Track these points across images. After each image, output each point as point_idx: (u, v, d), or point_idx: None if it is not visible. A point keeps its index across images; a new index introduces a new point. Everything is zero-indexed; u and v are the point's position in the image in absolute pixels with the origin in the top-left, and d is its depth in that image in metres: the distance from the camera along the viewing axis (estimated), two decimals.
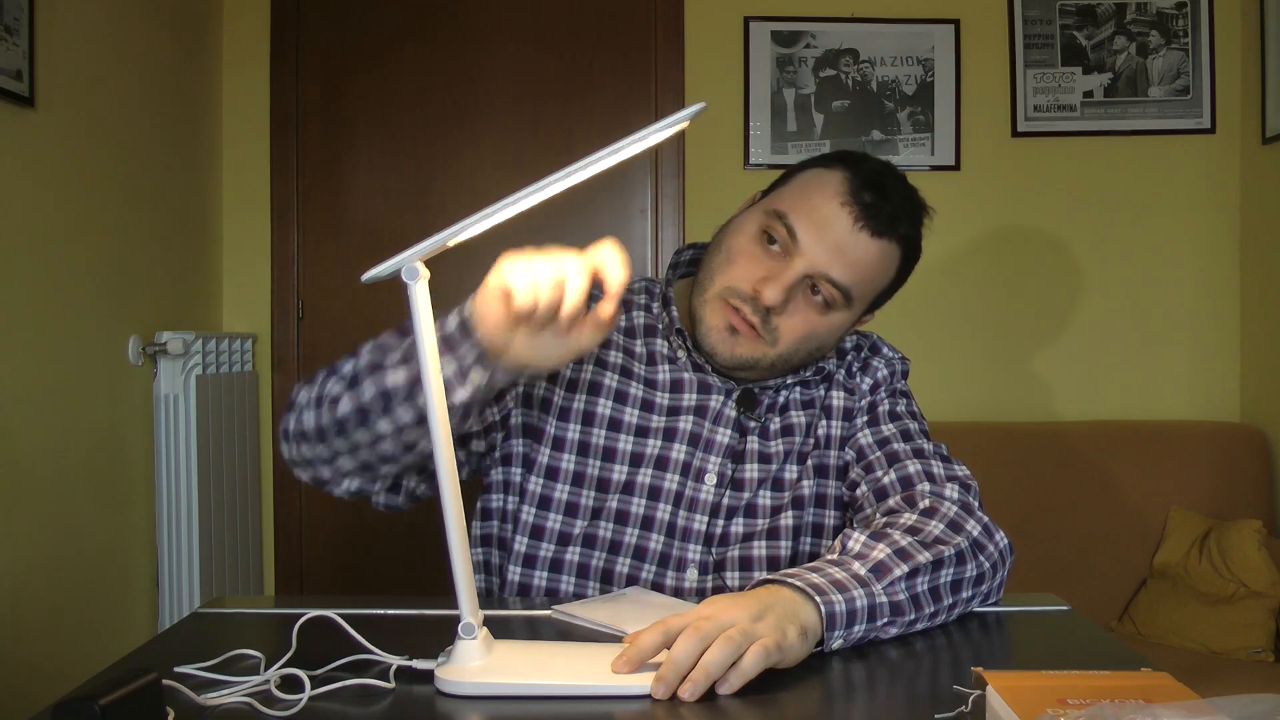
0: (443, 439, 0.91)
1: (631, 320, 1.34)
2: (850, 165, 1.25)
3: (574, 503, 1.27)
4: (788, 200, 1.24)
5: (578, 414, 1.28)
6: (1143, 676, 0.83)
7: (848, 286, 1.22)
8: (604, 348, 1.30)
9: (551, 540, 1.26)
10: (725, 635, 0.90)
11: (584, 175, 0.88)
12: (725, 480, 1.28)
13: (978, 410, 3.01)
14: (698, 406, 1.29)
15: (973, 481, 1.24)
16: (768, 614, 0.94)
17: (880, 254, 1.23)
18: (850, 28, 3.04)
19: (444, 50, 3.07)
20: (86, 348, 2.33)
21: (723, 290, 1.23)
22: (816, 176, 1.25)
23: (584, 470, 1.27)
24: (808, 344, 1.25)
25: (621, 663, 0.91)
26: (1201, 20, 3.00)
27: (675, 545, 1.26)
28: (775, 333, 1.23)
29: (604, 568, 1.26)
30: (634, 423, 1.28)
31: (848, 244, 1.21)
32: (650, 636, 0.91)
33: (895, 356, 1.38)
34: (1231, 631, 2.44)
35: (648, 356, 1.31)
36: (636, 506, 1.26)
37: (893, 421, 1.31)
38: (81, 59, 2.29)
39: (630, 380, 1.30)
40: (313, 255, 3.09)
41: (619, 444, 1.27)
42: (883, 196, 1.22)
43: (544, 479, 1.27)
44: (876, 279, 1.25)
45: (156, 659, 0.95)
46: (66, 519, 2.23)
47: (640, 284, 1.38)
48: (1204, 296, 3.04)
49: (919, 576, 1.07)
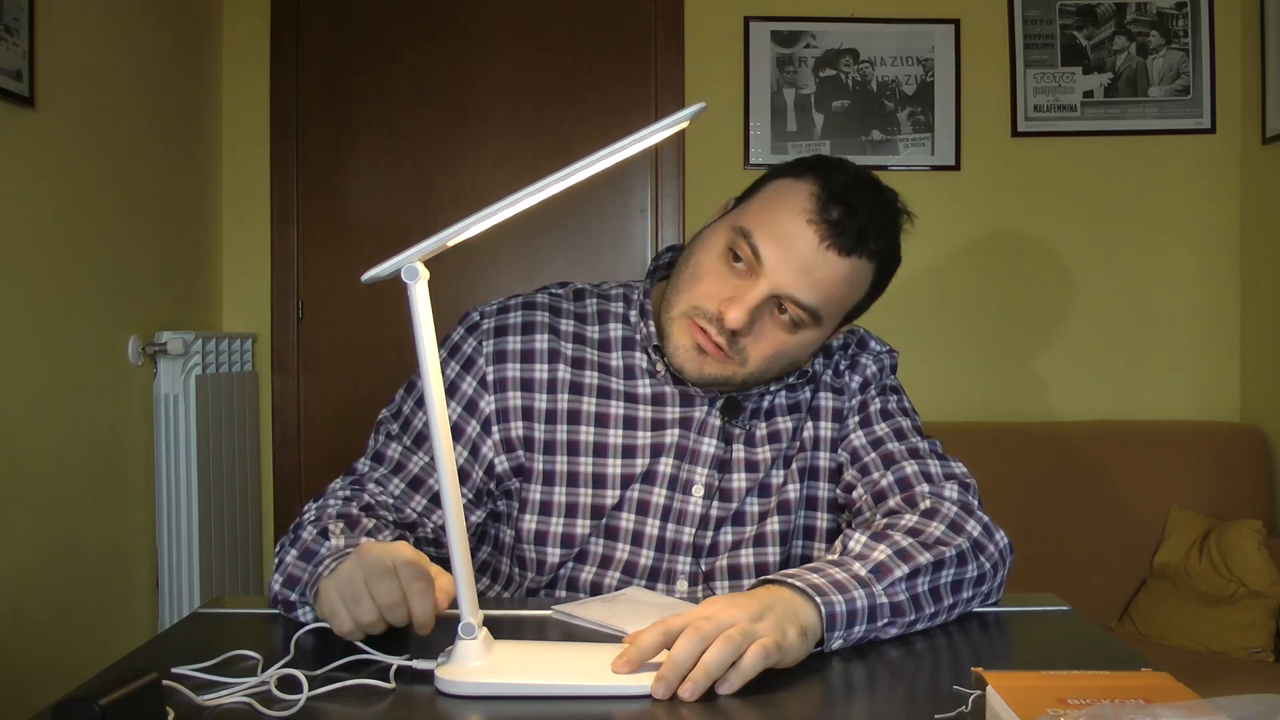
0: (443, 439, 0.91)
1: (607, 332, 1.30)
2: (820, 176, 1.19)
3: (570, 534, 1.25)
4: (752, 216, 1.19)
5: (561, 445, 1.25)
6: (1143, 676, 0.83)
7: (814, 307, 1.18)
8: (578, 368, 1.27)
9: (551, 573, 1.26)
10: (725, 635, 0.90)
11: (584, 175, 0.88)
12: (712, 491, 1.26)
13: (977, 410, 3.01)
14: (682, 418, 1.27)
15: (971, 479, 1.23)
16: (767, 614, 0.94)
17: (849, 272, 1.18)
18: (850, 28, 3.04)
19: (444, 50, 3.07)
20: (86, 348, 2.33)
21: (689, 309, 1.20)
22: (784, 189, 1.20)
23: (576, 500, 1.25)
24: (778, 362, 1.22)
25: (621, 663, 0.91)
26: (1201, 20, 3.00)
27: (665, 559, 1.25)
28: (744, 353, 1.20)
29: (593, 580, 1.25)
30: (619, 444, 1.25)
31: (813, 263, 1.16)
32: (650, 636, 0.91)
33: (883, 351, 1.35)
34: (1231, 631, 2.44)
35: (625, 370, 1.28)
36: (625, 522, 1.25)
37: (885, 420, 1.29)
38: (81, 59, 2.29)
39: (609, 400, 1.27)
40: (313, 255, 3.09)
41: (608, 469, 1.25)
42: (850, 213, 1.16)
43: (537, 515, 1.25)
44: (847, 296, 1.21)
45: (156, 659, 0.95)
46: (66, 519, 2.23)
47: (618, 291, 1.34)
48: (1204, 296, 3.04)
49: (920, 577, 1.07)
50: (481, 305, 1.31)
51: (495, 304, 1.30)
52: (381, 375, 3.04)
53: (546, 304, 1.30)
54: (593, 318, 1.31)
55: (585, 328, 1.30)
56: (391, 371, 2.99)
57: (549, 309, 1.29)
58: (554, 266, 3.07)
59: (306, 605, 1.08)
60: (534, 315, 1.28)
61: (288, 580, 1.10)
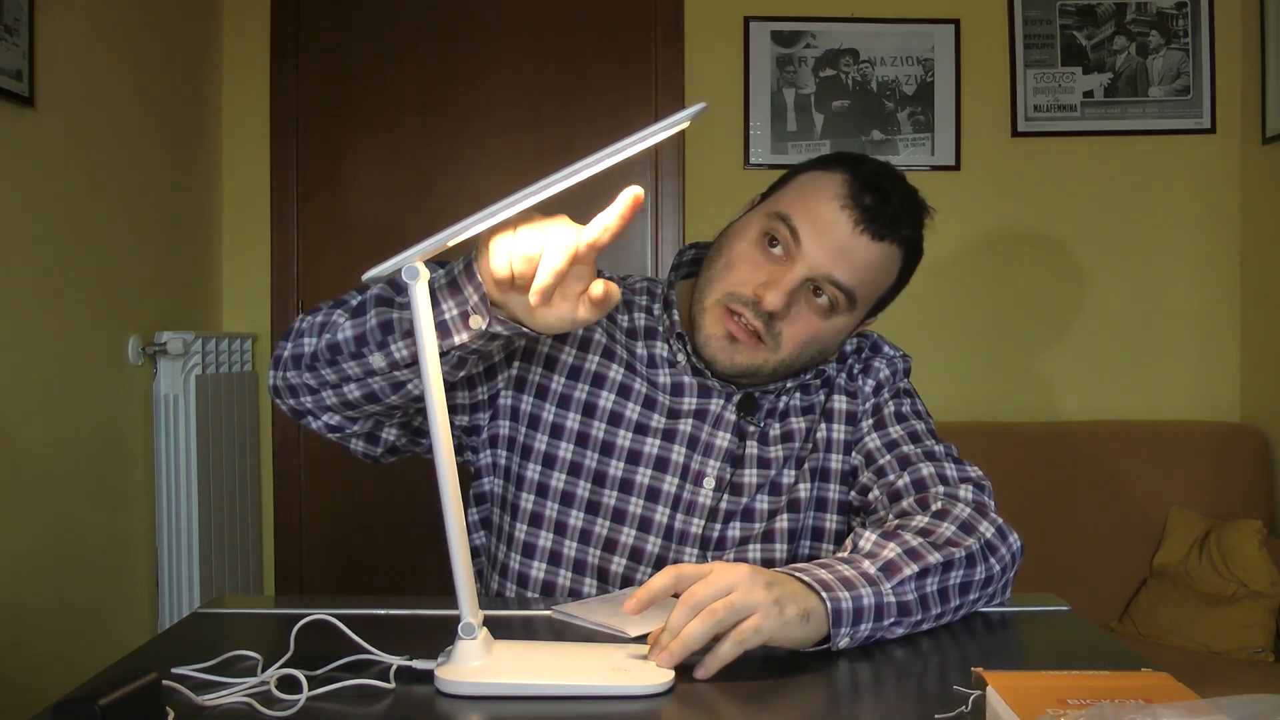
0: (443, 440, 0.91)
1: (633, 322, 1.33)
2: (849, 167, 1.24)
3: (570, 492, 1.26)
4: (788, 202, 1.23)
5: (579, 404, 1.27)
6: (1143, 676, 0.83)
7: (851, 288, 1.21)
8: (610, 340, 1.30)
9: (550, 529, 1.26)
10: (709, 610, 0.92)
11: (584, 175, 0.88)
12: (724, 484, 1.27)
13: (977, 410, 3.01)
14: (698, 410, 1.28)
15: (986, 481, 1.24)
16: (775, 586, 0.96)
17: (882, 257, 1.22)
18: (850, 28, 3.04)
19: (444, 50, 3.07)
20: (86, 348, 2.33)
21: (723, 297, 1.22)
22: (815, 179, 1.24)
23: (581, 461, 1.26)
24: (810, 348, 1.25)
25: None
26: (1201, 20, 3.00)
27: (672, 548, 1.26)
28: (778, 338, 1.22)
29: (599, 565, 1.26)
30: (634, 419, 1.27)
31: (849, 246, 1.20)
32: (662, 580, 0.96)
33: (897, 355, 1.37)
34: (1231, 631, 2.44)
35: (648, 359, 1.31)
36: (634, 506, 1.26)
37: (899, 423, 1.30)
38: (81, 59, 2.29)
39: (635, 376, 1.29)
40: (313, 255, 3.09)
41: (617, 439, 1.27)
42: (883, 199, 1.21)
43: (541, 465, 1.26)
44: (879, 281, 1.25)
45: (156, 659, 0.95)
46: (66, 519, 2.23)
47: (642, 284, 1.37)
48: (1204, 296, 3.04)
49: (929, 577, 1.07)
50: None
51: None
52: None
53: None
54: (621, 306, 1.33)
55: (617, 315, 1.33)
56: None
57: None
58: None
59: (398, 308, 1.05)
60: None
61: (379, 299, 1.07)
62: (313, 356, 1.12)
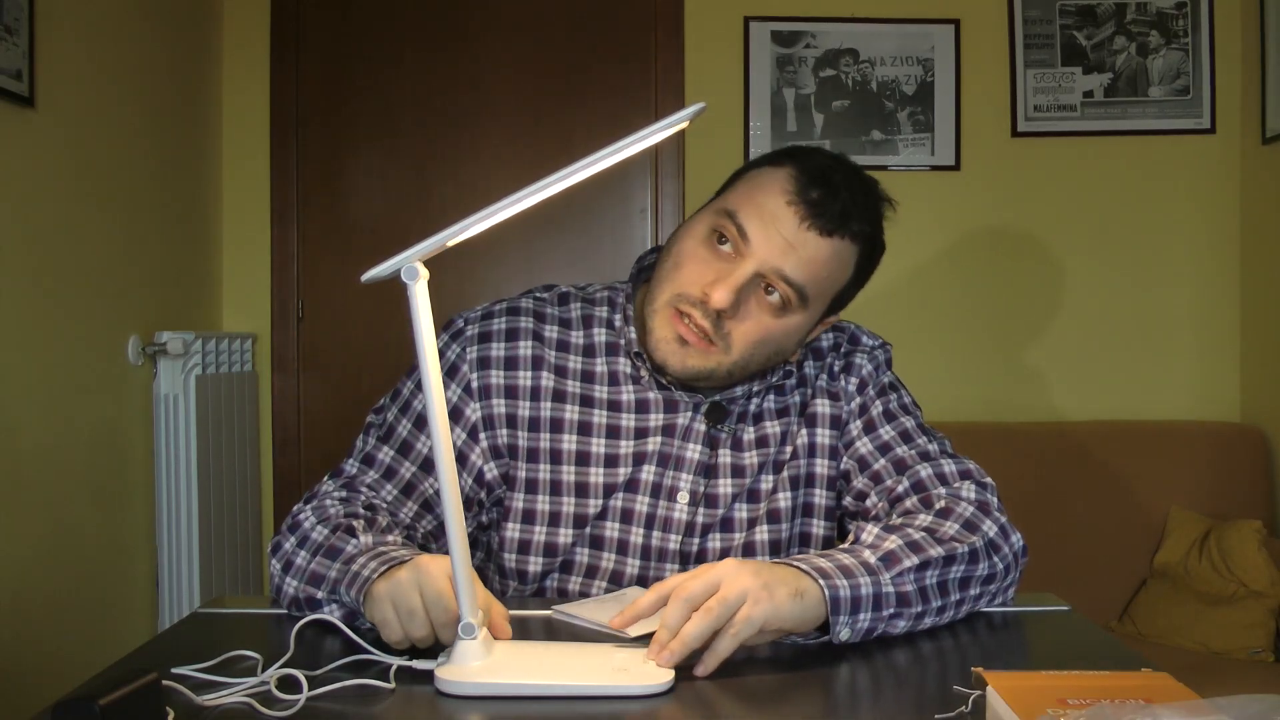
0: (442, 440, 0.91)
1: (591, 338, 1.29)
2: (798, 161, 1.20)
3: (553, 543, 1.24)
4: (735, 199, 1.20)
5: (545, 454, 1.24)
6: (1143, 676, 0.83)
7: (802, 285, 1.17)
8: (561, 376, 1.26)
9: (534, 582, 1.26)
10: (704, 608, 0.93)
11: (584, 175, 0.88)
12: (697, 498, 1.25)
13: (977, 410, 3.01)
14: (665, 425, 1.25)
15: (987, 477, 1.22)
16: (764, 571, 0.97)
17: (833, 252, 1.18)
18: (850, 28, 3.04)
19: (444, 50, 3.07)
20: (86, 347, 2.32)
21: (672, 298, 1.19)
22: (763, 175, 1.21)
23: (560, 510, 1.24)
24: (763, 348, 1.21)
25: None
26: (1201, 20, 3.00)
27: (651, 567, 1.24)
28: (728, 338, 1.18)
29: (581, 591, 1.25)
30: (602, 454, 1.24)
31: (797, 242, 1.16)
32: (648, 599, 0.98)
33: (876, 345, 1.33)
34: (1231, 631, 2.44)
35: (609, 376, 1.27)
36: (610, 531, 1.24)
37: (889, 423, 1.27)
38: (81, 59, 2.29)
39: (592, 409, 1.25)
40: (313, 255, 3.08)
41: (590, 478, 1.24)
42: (831, 193, 1.17)
43: (520, 524, 1.25)
44: (833, 277, 1.20)
45: (156, 659, 0.95)
46: (67, 519, 2.23)
47: (603, 294, 1.32)
48: (1204, 296, 3.04)
49: (929, 570, 1.06)
50: (465, 311, 1.29)
51: (479, 310, 1.29)
52: (381, 375, 3.04)
53: (531, 309, 1.28)
54: (577, 323, 1.29)
55: (570, 333, 1.28)
56: (391, 371, 2.97)
57: (533, 315, 1.28)
58: (553, 266, 3.07)
59: (335, 603, 1.06)
60: (518, 321, 1.27)
61: (311, 578, 1.08)
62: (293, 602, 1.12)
